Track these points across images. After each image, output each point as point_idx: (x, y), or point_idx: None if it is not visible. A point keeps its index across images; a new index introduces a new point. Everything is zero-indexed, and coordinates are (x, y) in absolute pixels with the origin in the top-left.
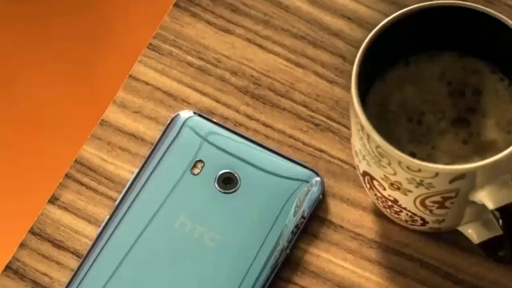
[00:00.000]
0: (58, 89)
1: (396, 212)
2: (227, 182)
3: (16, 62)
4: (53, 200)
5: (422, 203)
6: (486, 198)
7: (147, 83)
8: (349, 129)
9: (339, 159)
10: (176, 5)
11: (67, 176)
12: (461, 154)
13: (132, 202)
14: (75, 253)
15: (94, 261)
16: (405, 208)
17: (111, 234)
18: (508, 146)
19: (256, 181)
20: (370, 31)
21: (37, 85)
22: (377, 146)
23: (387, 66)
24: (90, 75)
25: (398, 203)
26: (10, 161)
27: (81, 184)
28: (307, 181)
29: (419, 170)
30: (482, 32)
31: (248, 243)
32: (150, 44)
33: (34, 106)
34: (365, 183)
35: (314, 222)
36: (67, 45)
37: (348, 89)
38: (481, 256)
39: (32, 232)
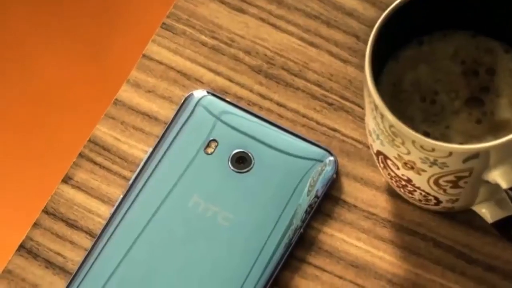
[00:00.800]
0: (71, 69)
1: (410, 192)
2: (241, 161)
3: (30, 42)
4: (66, 179)
5: (436, 182)
6: (500, 177)
7: (160, 63)
8: (362, 108)
9: (352, 139)
10: None
11: (80, 155)
12: (475, 134)
13: (145, 182)
14: (89, 233)
15: (107, 240)
16: (418, 188)
17: (125, 214)
18: None
19: (269, 161)
20: (384, 10)
21: (50, 65)
22: (391, 126)
23: (401, 46)
24: (104, 54)
25: (412, 183)
26: (23, 141)
27: (95, 163)
28: (320, 161)
29: (433, 150)
30: (495, 11)
31: (262, 222)
32: (164, 23)
33: (48, 85)
34: (378, 162)
35: (327, 202)
36: (81, 24)
37: (361, 68)
38: (494, 236)
39: (45, 211)
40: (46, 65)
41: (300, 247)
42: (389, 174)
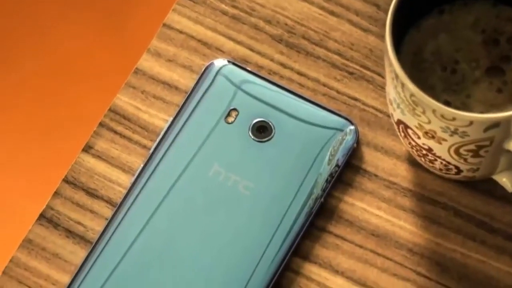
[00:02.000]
0: (92, 39)
1: (431, 161)
2: (261, 130)
3: (50, 13)
4: (87, 148)
5: (457, 151)
6: None
7: (181, 32)
8: (383, 77)
9: (373, 108)
10: None
11: (101, 124)
12: (496, 103)
13: (166, 151)
14: (109, 202)
15: (128, 209)
16: (439, 157)
17: (145, 183)
18: None
19: (290, 130)
20: None
21: (70, 35)
22: (412, 95)
23: (421, 15)
24: (124, 24)
25: (433, 152)
26: (44, 111)
27: (115, 132)
28: (341, 130)
29: (454, 119)
30: None
31: (283, 191)
32: None
33: (68, 55)
34: (399, 131)
35: (348, 171)
36: None
37: (382, 37)
38: None
39: (66, 180)
40: (67, 35)
41: (320, 216)
42: (409, 143)
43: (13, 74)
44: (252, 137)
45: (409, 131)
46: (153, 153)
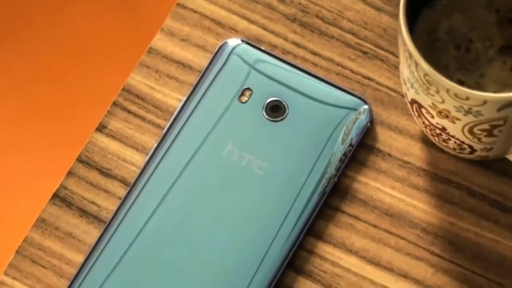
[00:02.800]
0: (105, 18)
1: (444, 140)
2: (275, 110)
3: None
4: (100, 128)
5: (470, 131)
6: None
7: (194, 11)
8: (397, 57)
9: (387, 87)
10: None
11: (114, 104)
12: (509, 82)
13: (179, 130)
14: (123, 181)
15: (141, 189)
16: (453, 136)
17: (159, 162)
18: None
19: (304, 109)
20: None
21: (84, 14)
22: (425, 74)
23: None
24: (138, 3)
25: (446, 131)
26: (58, 90)
27: (129, 112)
28: (355, 109)
29: (467, 98)
30: None
31: (296, 171)
32: None
33: (82, 35)
34: (413, 111)
35: (362, 150)
36: None
37: (396, 16)
38: None
39: (79, 160)
40: (80, 14)
41: (334, 195)
42: (423, 122)
43: (26, 54)
44: (266, 116)
45: (423, 110)
46: (166, 132)
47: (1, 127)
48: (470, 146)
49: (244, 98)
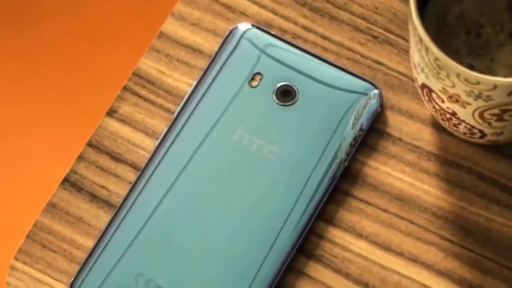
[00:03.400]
0: (116, 2)
1: (455, 125)
2: (285, 94)
3: None
4: (111, 112)
5: (481, 115)
6: None
7: None
8: (407, 41)
9: (397, 72)
10: None
11: (125, 88)
12: None
13: (190, 115)
14: (133, 166)
15: (152, 173)
16: (463, 121)
17: (169, 147)
18: None
19: (314, 94)
20: None
21: None
22: (436, 59)
23: None
24: None
25: (457, 116)
26: (68, 74)
27: (139, 96)
28: (365, 94)
29: (478, 83)
30: None
31: (307, 155)
32: None
33: (92, 19)
34: (423, 95)
35: (372, 135)
36: None
37: (406, 1)
38: None
39: (90, 144)
40: None
41: (344, 180)
42: (434, 107)
43: (37, 38)
44: (276, 101)
45: (433, 95)
46: (177, 117)
47: (11, 111)
48: (481, 131)
49: (254, 83)
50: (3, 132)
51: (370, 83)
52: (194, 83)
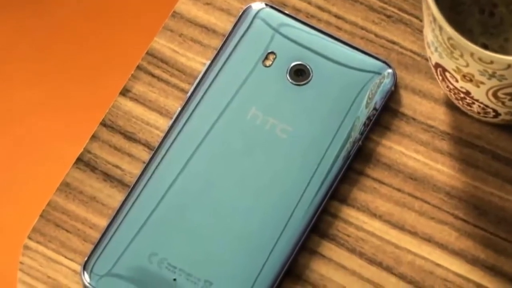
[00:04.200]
0: None
1: (468, 104)
2: (299, 74)
3: None
4: (124, 92)
5: (495, 95)
6: None
7: None
8: (421, 20)
9: (411, 51)
10: None
11: (138, 68)
12: None
13: (203, 94)
14: (147, 145)
15: (165, 153)
16: (477, 100)
17: (183, 126)
18: None
19: (328, 73)
20: None
21: None
22: (449, 38)
23: None
24: None
25: (471, 95)
26: (82, 54)
27: (153, 76)
28: (379, 73)
29: (491, 62)
30: None
31: (320, 135)
32: None
33: None
34: (437, 75)
35: (386, 114)
36: None
37: None
38: None
39: (103, 124)
40: None
41: (358, 159)
42: (447, 86)
43: (50, 17)
44: (290, 80)
45: (447, 74)
46: (190, 96)
47: (25, 91)
48: (494, 110)
49: (268, 62)
50: (17, 112)
51: (384, 62)
52: (208, 62)
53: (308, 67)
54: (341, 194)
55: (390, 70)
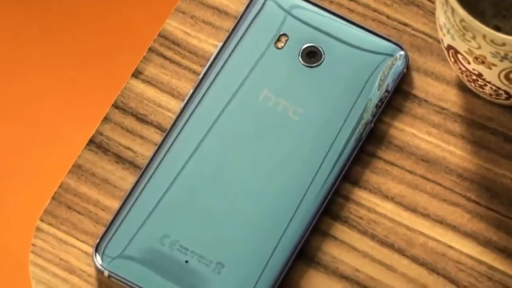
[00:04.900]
0: None
1: (481, 86)
2: (311, 56)
3: None
4: (136, 74)
5: (507, 77)
6: None
7: None
8: (433, 2)
9: (423, 33)
10: None
11: (151, 50)
12: None
13: (215, 76)
14: (159, 127)
15: (177, 135)
16: (489, 82)
17: (195, 108)
18: None
19: (340, 55)
20: None
21: None
22: (461, 20)
23: None
24: None
25: (483, 77)
26: (94, 36)
27: (165, 58)
28: (391, 55)
29: (504, 44)
30: None
31: (332, 117)
32: None
33: None
34: (449, 57)
35: (398, 96)
36: None
37: None
38: None
39: (116, 106)
40: None
41: (370, 141)
42: (459, 68)
43: None
44: (302, 62)
45: (459, 56)
46: (202, 78)
47: (37, 73)
48: (506, 92)
49: (280, 44)
50: (29, 94)
51: (396, 44)
52: (220, 44)
53: (320, 49)
54: (353, 176)
55: (402, 52)
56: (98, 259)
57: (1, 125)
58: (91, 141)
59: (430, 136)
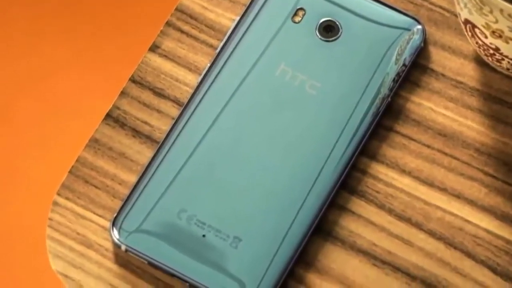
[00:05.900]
0: None
1: (498, 60)
2: (329, 30)
3: None
4: (154, 48)
5: None
6: None
7: None
8: None
9: (440, 7)
10: None
11: (167, 24)
12: None
13: (233, 50)
14: (176, 101)
15: (195, 109)
16: (506, 56)
17: (212, 82)
18: None
19: (357, 29)
20: None
21: None
22: None
23: None
24: None
25: (500, 51)
26: (111, 10)
27: (182, 32)
28: (408, 29)
29: None
30: None
31: (349, 91)
32: None
33: None
34: (466, 31)
35: (415, 70)
36: None
37: None
38: None
39: (132, 80)
40: None
41: (387, 115)
42: (477, 43)
43: None
44: (319, 36)
45: (476, 30)
46: (219, 52)
47: (54, 47)
48: None
49: (297, 18)
50: (46, 68)
51: (413, 18)
52: (237, 18)
53: (337, 23)
54: (371, 150)
55: (419, 26)
56: (115, 234)
57: (19, 100)
58: (108, 115)
59: (447, 111)
